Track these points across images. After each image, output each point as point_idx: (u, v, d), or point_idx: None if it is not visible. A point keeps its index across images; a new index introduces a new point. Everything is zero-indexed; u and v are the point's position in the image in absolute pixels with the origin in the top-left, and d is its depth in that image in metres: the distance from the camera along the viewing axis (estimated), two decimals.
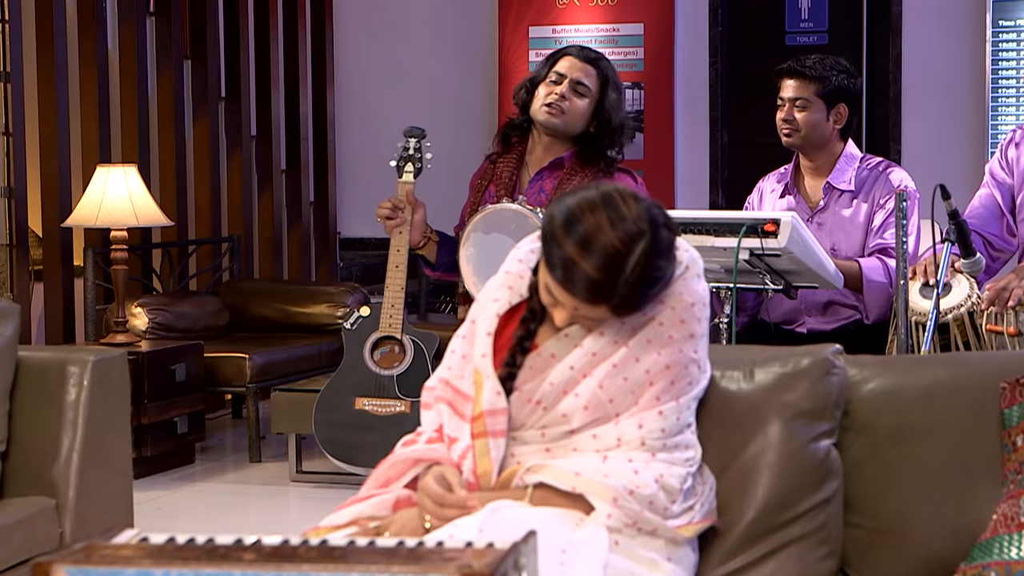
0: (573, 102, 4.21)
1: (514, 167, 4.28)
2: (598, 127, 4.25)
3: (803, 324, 4.77)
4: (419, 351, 4.26)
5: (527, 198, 4.22)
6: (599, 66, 4.30)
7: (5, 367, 3.90)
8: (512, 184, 4.25)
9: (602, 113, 4.25)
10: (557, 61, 4.30)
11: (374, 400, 4.28)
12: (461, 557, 1.66)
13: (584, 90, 4.23)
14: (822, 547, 2.75)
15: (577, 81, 4.23)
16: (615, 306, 2.54)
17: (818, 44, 8.14)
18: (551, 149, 4.27)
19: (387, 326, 4.30)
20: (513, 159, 4.30)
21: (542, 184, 4.24)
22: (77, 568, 1.67)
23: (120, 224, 6.68)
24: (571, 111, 4.21)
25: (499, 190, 4.26)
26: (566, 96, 4.21)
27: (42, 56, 7.19)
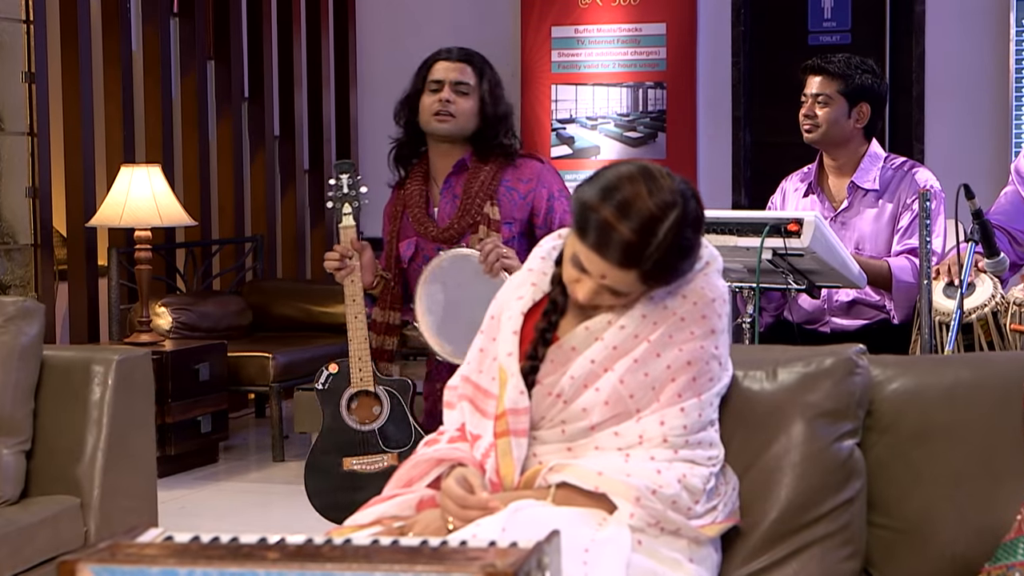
0: (459, 104, 4.18)
1: (421, 184, 4.26)
2: (483, 121, 4.22)
3: (827, 324, 4.76)
4: (395, 400, 4.17)
5: (440, 210, 4.21)
6: (472, 62, 4.28)
7: (30, 366, 3.92)
8: (424, 200, 4.23)
9: (486, 107, 4.22)
10: (429, 69, 4.27)
11: (361, 459, 4.18)
12: (484, 556, 1.67)
13: (466, 88, 4.21)
14: (845, 547, 2.74)
15: (456, 82, 4.21)
16: (646, 272, 2.56)
17: (841, 44, 8.12)
18: (450, 155, 4.24)
19: (359, 381, 4.17)
20: (418, 178, 4.27)
21: (453, 190, 4.21)
22: (102, 567, 1.68)
23: (144, 224, 6.70)
24: (460, 112, 4.18)
25: (413, 211, 4.23)
26: (451, 100, 4.18)
27: (66, 57, 7.22)
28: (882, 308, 4.69)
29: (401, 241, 4.27)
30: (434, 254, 4.16)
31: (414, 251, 4.25)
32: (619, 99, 8.49)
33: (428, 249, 4.21)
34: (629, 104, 8.48)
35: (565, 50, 8.55)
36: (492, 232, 4.08)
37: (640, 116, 8.46)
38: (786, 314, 4.77)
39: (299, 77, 8.78)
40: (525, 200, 4.18)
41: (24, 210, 7.13)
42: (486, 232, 4.10)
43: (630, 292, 2.62)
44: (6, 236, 7.28)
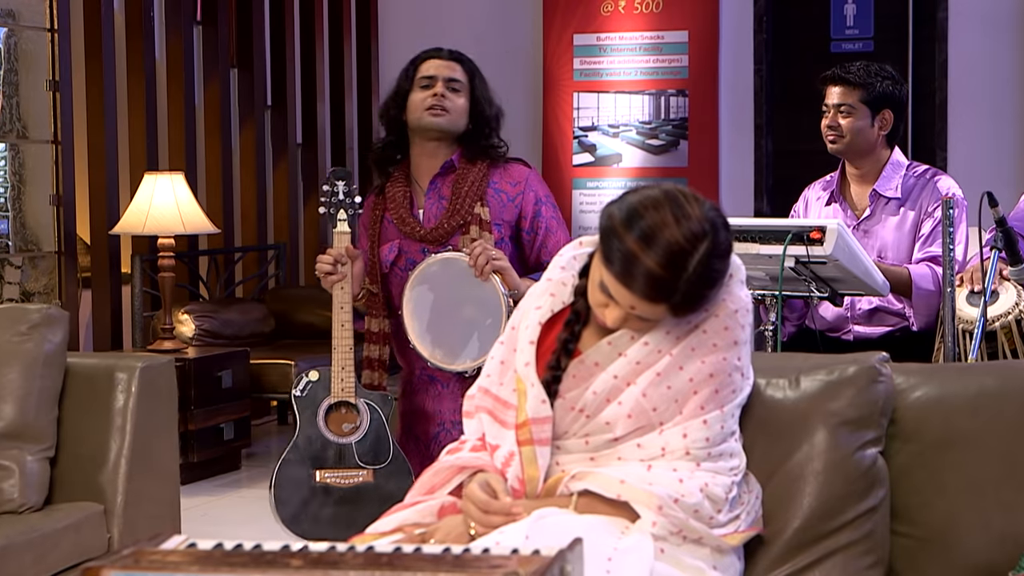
0: (452, 100, 4.10)
1: (404, 186, 4.15)
2: (474, 120, 4.14)
3: (849, 332, 4.75)
4: (375, 414, 4.01)
5: (426, 211, 4.10)
6: (462, 61, 4.21)
7: (54, 373, 3.93)
8: (408, 202, 4.12)
9: (477, 106, 4.14)
10: (418, 67, 4.18)
11: (335, 472, 3.99)
12: (507, 564, 1.66)
13: (458, 86, 4.13)
14: (868, 556, 2.74)
15: (449, 79, 4.12)
16: (674, 305, 2.54)
17: (863, 51, 8.11)
18: (436, 155, 4.14)
19: (339, 391, 4.02)
20: (400, 180, 4.16)
21: (439, 191, 4.12)
22: (126, 573, 1.68)
23: (167, 231, 6.72)
24: (453, 109, 4.09)
25: (397, 212, 4.11)
26: (445, 95, 4.09)
27: (90, 65, 7.25)
28: (904, 316, 4.68)
29: (382, 245, 4.15)
30: (418, 256, 4.07)
31: (396, 254, 4.13)
32: (641, 107, 8.49)
33: (412, 251, 4.10)
34: (651, 112, 8.47)
35: (587, 58, 8.55)
36: (484, 232, 4.02)
37: (662, 124, 8.45)
38: (808, 322, 4.76)
39: (322, 85, 8.80)
40: (513, 203, 4.12)
41: (48, 218, 7.16)
42: (478, 233, 4.02)
43: (659, 319, 2.60)
44: (30, 244, 7.31)
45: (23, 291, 7.35)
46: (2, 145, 7.37)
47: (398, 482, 3.93)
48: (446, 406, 4.08)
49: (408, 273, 4.05)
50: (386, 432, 4.00)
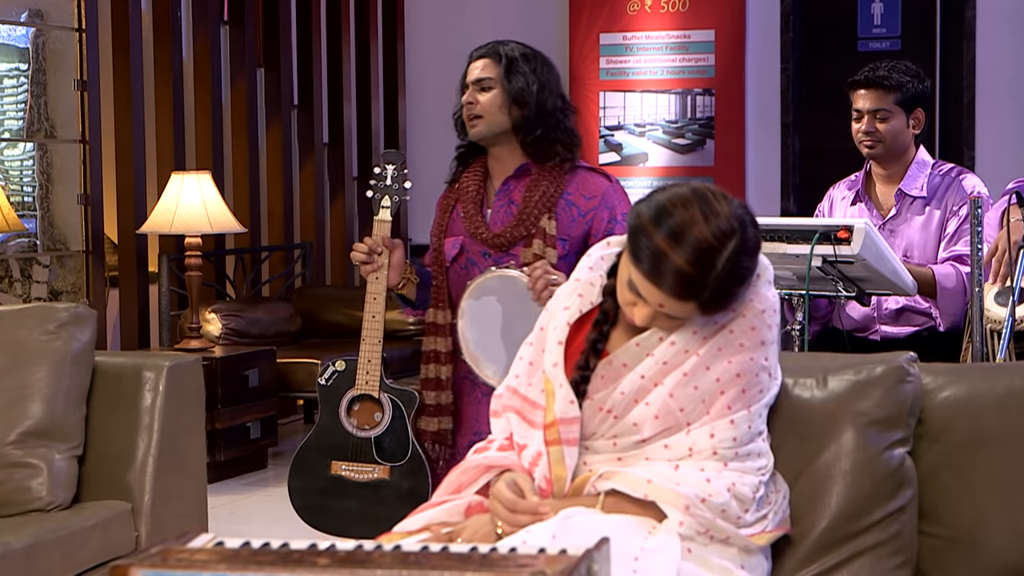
0: (481, 101, 3.92)
1: (479, 180, 4.00)
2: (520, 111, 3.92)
3: (876, 331, 4.74)
4: (397, 410, 3.89)
5: (494, 213, 3.95)
6: (492, 54, 4.00)
7: (82, 372, 3.94)
8: (479, 197, 3.97)
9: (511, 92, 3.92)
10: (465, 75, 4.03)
11: (351, 464, 3.88)
12: (534, 563, 1.66)
13: (488, 83, 3.94)
14: (896, 556, 2.73)
15: (477, 79, 3.95)
16: (703, 302, 2.53)
17: (890, 50, 8.08)
18: (504, 157, 3.98)
19: (363, 383, 3.91)
20: (477, 173, 4.01)
21: (510, 194, 3.95)
22: (154, 572, 1.69)
23: (194, 231, 6.74)
24: (484, 110, 3.92)
25: (466, 206, 3.96)
26: (472, 100, 3.94)
27: (118, 65, 7.27)
28: (931, 315, 4.67)
29: (448, 237, 4.01)
30: (479, 258, 3.94)
31: (459, 251, 3.99)
32: (667, 106, 8.48)
33: (474, 252, 3.96)
34: (677, 111, 8.46)
35: (613, 57, 8.55)
36: (548, 248, 3.84)
37: (688, 123, 8.45)
38: (835, 322, 4.75)
39: (348, 84, 8.82)
40: (584, 218, 3.90)
41: (76, 217, 7.19)
42: (541, 248, 3.84)
43: (688, 318, 2.60)
44: (58, 243, 7.34)
45: (51, 290, 7.39)
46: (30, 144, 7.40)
47: (414, 481, 3.85)
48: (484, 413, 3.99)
49: (467, 272, 3.93)
50: (407, 430, 3.90)
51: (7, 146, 7.48)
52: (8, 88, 7.36)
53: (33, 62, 7.37)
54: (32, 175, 7.49)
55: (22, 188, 7.58)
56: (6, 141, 7.42)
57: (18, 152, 7.56)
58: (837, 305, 4.67)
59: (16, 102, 7.41)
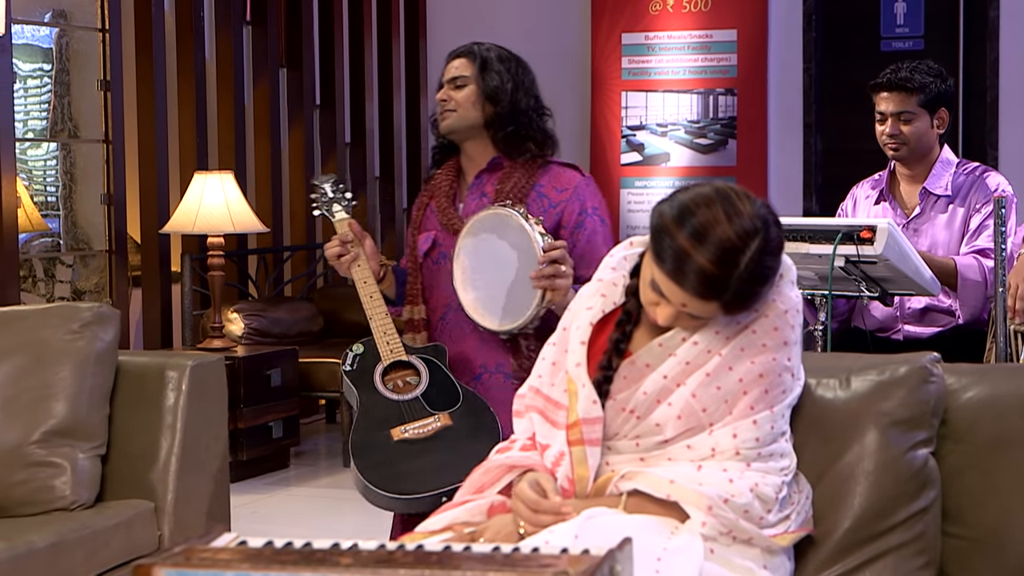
0: (455, 97, 3.96)
1: (452, 176, 4.03)
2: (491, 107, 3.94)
3: (899, 331, 4.73)
4: (432, 365, 3.84)
5: (466, 205, 3.96)
6: (467, 53, 4.05)
7: (106, 372, 3.96)
8: (452, 192, 4.00)
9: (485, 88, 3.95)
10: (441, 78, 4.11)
11: (410, 425, 3.76)
12: (556, 563, 1.66)
13: (462, 80, 3.98)
14: (920, 557, 2.72)
15: (452, 77, 4.01)
16: (726, 302, 2.53)
17: (913, 50, 8.06)
18: (476, 153, 4.00)
19: (389, 353, 3.86)
20: (451, 169, 4.05)
21: (482, 187, 3.95)
22: (177, 571, 1.69)
23: (217, 230, 6.76)
24: (458, 104, 3.95)
25: (439, 200, 3.99)
26: (446, 97, 3.98)
27: (141, 65, 7.30)
28: (955, 314, 4.65)
29: (421, 233, 4.03)
30: (452, 251, 3.90)
31: (431, 245, 3.99)
32: (689, 106, 8.47)
33: (447, 244, 3.95)
34: (699, 111, 8.45)
35: (635, 57, 8.54)
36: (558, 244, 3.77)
37: (710, 123, 8.44)
38: (858, 322, 4.74)
39: (370, 84, 8.83)
40: (555, 209, 3.89)
41: (99, 217, 7.22)
42: None
43: (710, 318, 2.60)
44: (81, 243, 7.36)
45: (74, 289, 7.42)
46: (54, 144, 7.43)
47: (478, 417, 3.75)
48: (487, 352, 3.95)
49: (439, 266, 3.94)
50: (449, 378, 3.84)
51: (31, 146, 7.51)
52: (32, 88, 7.38)
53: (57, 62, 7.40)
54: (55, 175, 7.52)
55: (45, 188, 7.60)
56: (30, 141, 7.45)
57: (42, 152, 7.59)
58: (859, 305, 4.66)
59: (40, 102, 7.44)
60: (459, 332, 3.90)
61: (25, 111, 7.39)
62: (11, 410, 3.83)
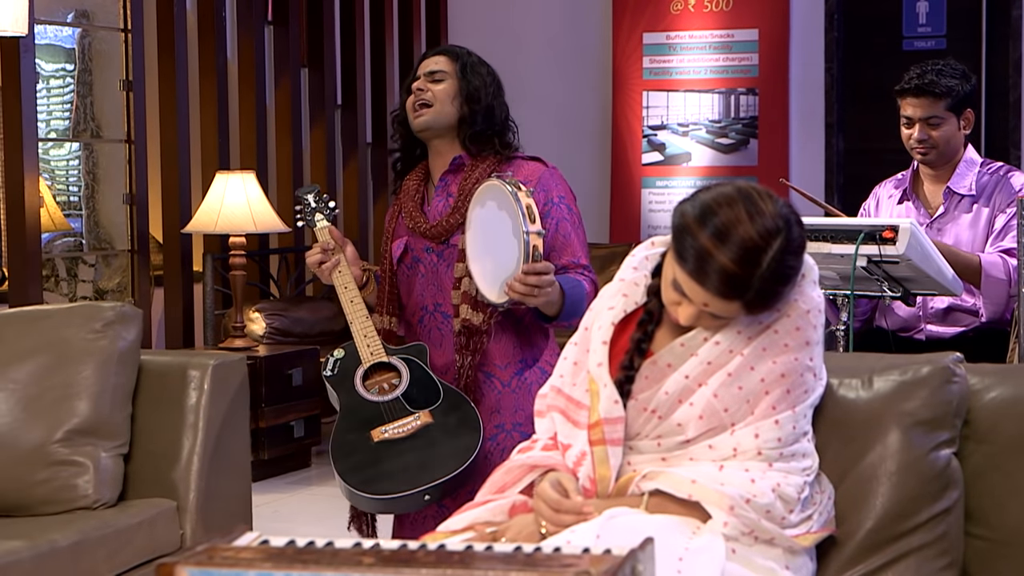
0: (432, 90, 3.89)
1: (419, 183, 3.98)
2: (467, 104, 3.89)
3: (922, 331, 4.72)
4: (413, 364, 3.81)
5: (433, 207, 3.92)
6: (447, 52, 4.00)
7: (128, 371, 3.97)
8: (420, 196, 3.95)
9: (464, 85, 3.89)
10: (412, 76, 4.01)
11: (390, 425, 3.72)
12: (578, 563, 1.67)
13: (440, 75, 3.91)
14: (942, 558, 2.72)
15: (429, 71, 3.92)
16: (748, 302, 2.53)
17: (935, 49, 8.03)
18: (443, 152, 3.94)
19: (369, 355, 3.81)
20: (418, 176, 3.99)
21: (447, 188, 3.92)
22: (199, 570, 1.70)
23: (239, 230, 6.77)
24: (435, 99, 3.87)
25: (406, 205, 3.95)
26: (423, 88, 3.89)
27: (163, 65, 7.31)
28: (977, 314, 4.64)
29: (394, 241, 3.99)
30: (423, 253, 3.90)
31: (403, 251, 3.94)
32: (711, 105, 8.46)
33: (417, 248, 3.92)
34: (721, 110, 8.44)
35: (656, 56, 8.53)
36: None
37: (732, 122, 8.42)
38: (881, 322, 4.73)
39: (392, 84, 8.83)
40: None
41: (121, 217, 7.24)
42: None
43: (732, 317, 2.60)
44: (104, 242, 7.39)
45: (96, 289, 7.44)
46: (76, 144, 7.46)
47: (460, 413, 3.72)
48: None
49: (413, 271, 3.91)
50: (430, 376, 3.79)
51: (53, 146, 7.54)
52: (55, 88, 7.41)
53: (79, 62, 7.42)
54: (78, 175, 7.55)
55: (68, 188, 7.63)
56: (52, 141, 7.47)
57: (64, 152, 7.62)
58: (881, 304, 4.65)
59: (62, 102, 7.47)
60: (437, 335, 3.88)
61: (48, 111, 7.42)
62: (34, 409, 3.85)
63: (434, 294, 3.88)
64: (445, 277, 3.85)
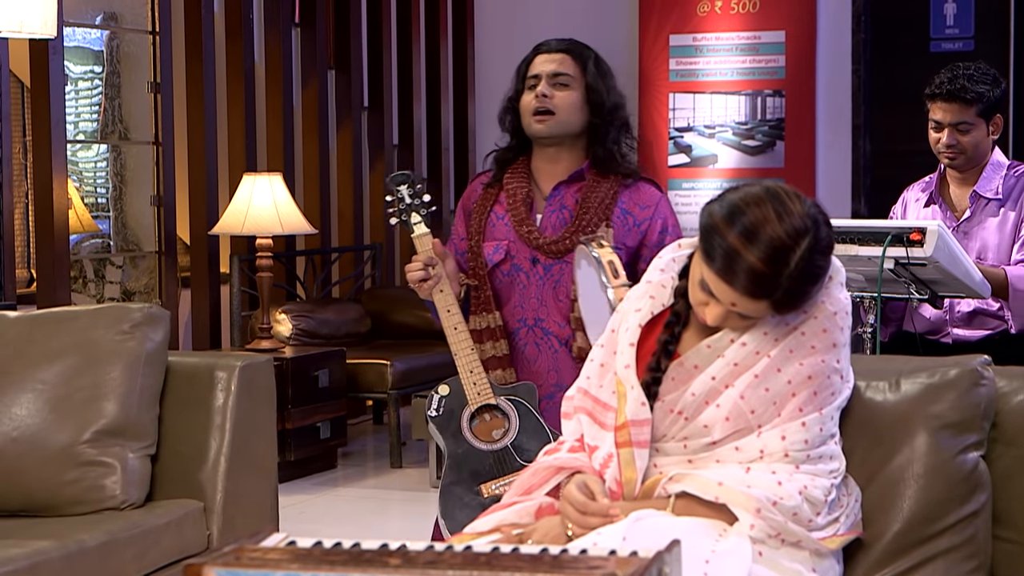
0: (558, 96, 3.72)
1: (525, 184, 3.79)
2: (592, 113, 3.75)
3: (948, 334, 4.70)
4: (522, 408, 3.66)
5: (545, 218, 3.76)
6: (572, 51, 3.81)
7: (156, 372, 3.98)
8: (529, 201, 3.77)
9: (592, 96, 3.74)
10: (528, 65, 3.81)
11: (500, 481, 3.61)
12: (605, 565, 1.66)
13: (566, 79, 3.74)
14: (970, 561, 2.71)
15: (554, 73, 3.74)
16: (776, 301, 2.53)
17: (963, 51, 8.00)
18: (558, 159, 3.79)
19: (476, 396, 3.65)
20: (521, 175, 3.81)
21: (562, 200, 3.76)
22: (227, 571, 1.70)
23: (265, 232, 6.78)
24: (560, 106, 3.71)
25: (514, 209, 3.77)
26: (548, 94, 3.71)
27: (191, 67, 7.33)
28: (1004, 318, 4.62)
29: (488, 241, 3.81)
30: (526, 264, 3.75)
31: (503, 257, 3.79)
32: (737, 107, 8.45)
33: (520, 258, 3.77)
34: (747, 112, 8.43)
35: (683, 58, 8.52)
36: None
37: (758, 124, 8.41)
38: (907, 325, 4.71)
39: (418, 86, 8.85)
40: (639, 228, 3.76)
41: (149, 218, 7.27)
42: None
43: (760, 317, 2.60)
44: (131, 244, 7.42)
45: (124, 290, 7.47)
46: (104, 146, 7.49)
47: None
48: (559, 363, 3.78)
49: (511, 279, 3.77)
50: (539, 422, 3.67)
51: (81, 148, 7.57)
52: (83, 90, 7.44)
53: (107, 64, 7.46)
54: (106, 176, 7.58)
55: (96, 189, 7.66)
56: (80, 143, 7.50)
57: (92, 154, 7.65)
58: (908, 307, 4.64)
59: (90, 104, 7.50)
60: (533, 350, 3.78)
61: (76, 113, 7.45)
62: (62, 410, 3.86)
63: (536, 308, 3.77)
64: (550, 293, 3.73)
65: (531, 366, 3.78)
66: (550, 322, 3.76)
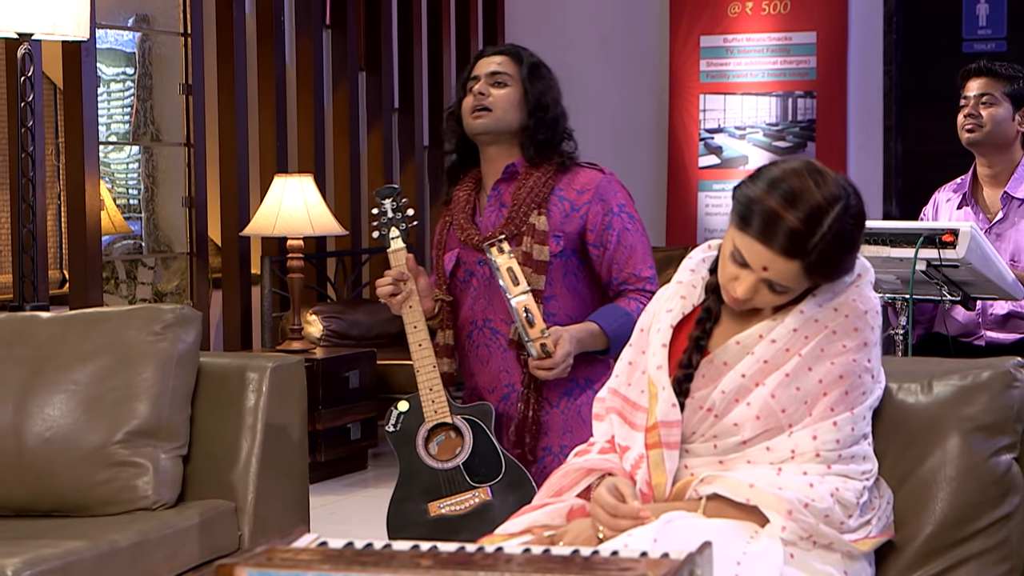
0: (495, 94, 3.72)
1: (470, 192, 3.85)
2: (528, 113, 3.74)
3: (981, 337, 4.68)
4: (476, 427, 3.70)
5: (485, 218, 3.79)
6: (510, 53, 3.83)
7: (187, 373, 3.99)
8: (471, 206, 3.82)
9: (530, 98, 3.75)
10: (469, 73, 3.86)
11: (448, 500, 3.67)
12: (636, 567, 1.66)
13: (503, 78, 3.75)
14: (1003, 564, 2.70)
15: (492, 72, 3.77)
16: (809, 264, 2.54)
17: (996, 51, 7.97)
18: (498, 159, 3.79)
19: (432, 413, 3.72)
20: (468, 186, 3.87)
21: (500, 198, 3.78)
22: (259, 571, 1.70)
23: (296, 233, 6.80)
24: (497, 103, 3.72)
25: (458, 218, 3.82)
26: (484, 92, 3.73)
27: (222, 69, 7.36)
28: None
29: (445, 253, 3.88)
30: (475, 267, 3.78)
31: (455, 263, 3.83)
32: (768, 108, 8.43)
33: (470, 261, 3.80)
34: (778, 113, 8.41)
35: (714, 59, 8.51)
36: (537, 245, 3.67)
37: (789, 125, 8.39)
38: (940, 327, 4.70)
39: (448, 88, 8.85)
40: (578, 212, 3.71)
41: (180, 220, 7.29)
42: (530, 245, 3.68)
43: (789, 288, 2.59)
44: (163, 245, 7.44)
45: (155, 291, 7.50)
46: (136, 148, 7.52)
47: (519, 493, 3.65)
48: None
49: (467, 284, 3.81)
50: (492, 444, 3.71)
51: (113, 149, 7.60)
52: (115, 92, 7.48)
53: (139, 66, 7.49)
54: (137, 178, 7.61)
55: (127, 191, 7.69)
56: (112, 144, 7.54)
57: (124, 155, 7.68)
58: (941, 309, 4.62)
59: (122, 106, 7.53)
60: (485, 351, 3.81)
61: (108, 115, 7.48)
62: (95, 411, 3.88)
63: (484, 308, 3.80)
64: (496, 292, 3.73)
65: (484, 367, 3.81)
66: (497, 321, 3.77)
